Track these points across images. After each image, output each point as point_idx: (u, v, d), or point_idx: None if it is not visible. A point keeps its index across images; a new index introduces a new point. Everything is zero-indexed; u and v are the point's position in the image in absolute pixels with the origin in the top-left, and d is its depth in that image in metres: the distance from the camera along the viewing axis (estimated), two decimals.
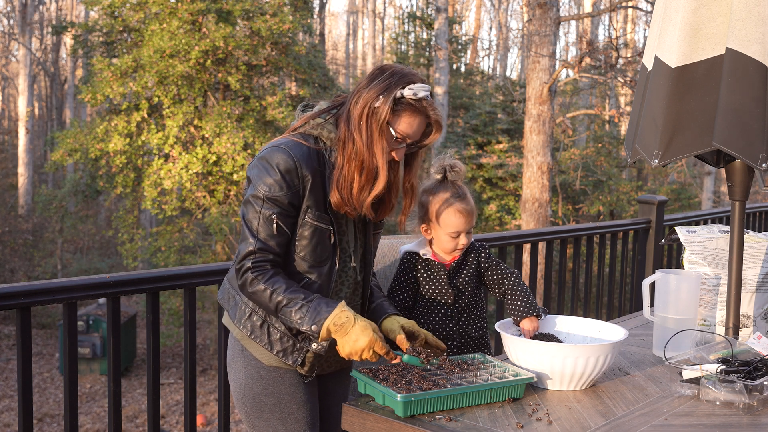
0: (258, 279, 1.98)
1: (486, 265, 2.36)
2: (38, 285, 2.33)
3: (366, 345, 1.90)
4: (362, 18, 33.72)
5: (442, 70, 16.64)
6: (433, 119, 2.04)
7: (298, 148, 2.01)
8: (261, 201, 1.99)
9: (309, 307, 1.94)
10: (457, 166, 2.32)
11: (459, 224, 2.27)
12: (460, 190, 2.31)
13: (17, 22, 25.66)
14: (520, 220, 9.63)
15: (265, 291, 1.97)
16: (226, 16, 13.18)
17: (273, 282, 1.97)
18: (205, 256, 13.77)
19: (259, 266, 1.99)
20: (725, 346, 2.07)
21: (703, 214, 5.52)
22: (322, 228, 2.03)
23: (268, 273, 1.99)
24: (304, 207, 2.02)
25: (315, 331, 1.93)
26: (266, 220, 1.99)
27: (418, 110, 2.01)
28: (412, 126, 2.01)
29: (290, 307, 1.95)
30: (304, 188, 2.00)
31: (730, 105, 2.03)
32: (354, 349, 1.91)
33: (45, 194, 17.82)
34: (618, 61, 8.56)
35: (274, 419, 2.11)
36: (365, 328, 1.91)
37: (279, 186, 1.98)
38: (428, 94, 2.02)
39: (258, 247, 1.99)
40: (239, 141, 12.60)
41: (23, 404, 2.29)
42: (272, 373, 2.11)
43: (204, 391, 12.08)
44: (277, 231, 1.99)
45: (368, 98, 1.99)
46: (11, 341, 14.58)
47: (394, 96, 1.98)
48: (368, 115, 1.99)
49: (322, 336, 1.93)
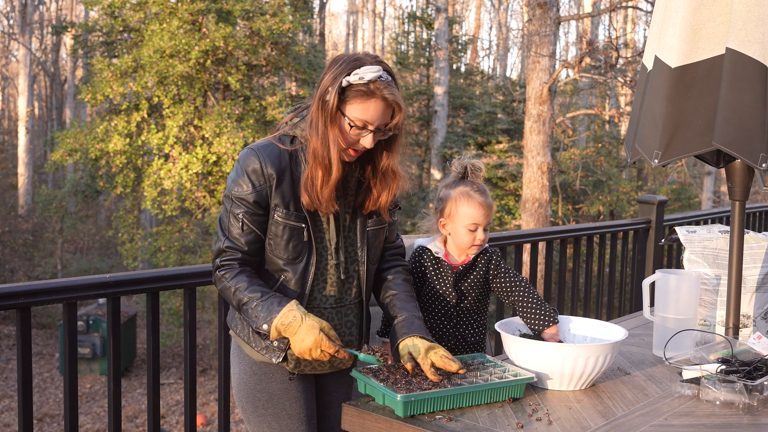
0: (225, 277, 2.02)
1: (495, 272, 2.34)
2: (38, 285, 2.33)
3: (312, 344, 1.91)
4: (362, 18, 33.72)
5: (442, 70, 16.64)
6: (390, 100, 1.98)
7: (267, 149, 2.03)
8: (230, 200, 2.04)
9: (263, 306, 1.96)
10: (477, 165, 2.33)
11: (477, 216, 2.26)
12: (480, 186, 2.32)
13: (17, 22, 25.66)
14: (520, 220, 9.63)
15: (229, 289, 2.01)
16: (226, 16, 13.18)
17: (237, 280, 2.01)
18: (205, 256, 13.77)
19: (227, 264, 2.03)
20: (725, 346, 2.07)
21: (703, 214, 5.52)
22: (292, 225, 2.04)
23: (234, 271, 2.02)
24: (272, 205, 2.03)
25: (266, 330, 1.95)
26: (235, 218, 2.03)
27: (369, 93, 1.96)
28: (366, 111, 1.97)
29: (248, 306, 1.98)
30: (270, 187, 2.02)
31: (730, 105, 2.03)
32: (301, 349, 1.92)
33: (45, 194, 17.83)
34: (618, 61, 8.55)
35: (268, 414, 2.13)
36: (312, 327, 1.91)
37: (246, 185, 2.01)
38: (379, 75, 1.96)
39: (227, 245, 2.03)
40: (239, 141, 12.59)
41: (23, 404, 2.29)
42: (264, 368, 2.13)
43: (204, 391, 12.08)
44: (243, 229, 2.02)
45: (321, 91, 2.00)
46: (11, 341, 14.58)
47: (340, 84, 1.96)
48: (320, 108, 1.99)
49: (272, 336, 1.95)
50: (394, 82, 2.01)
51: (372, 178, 2.11)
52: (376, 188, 2.11)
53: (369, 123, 1.98)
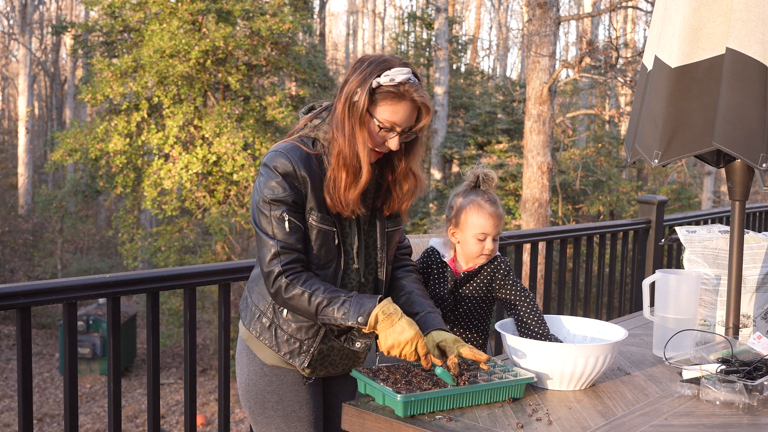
0: (293, 283, 1.95)
1: (502, 282, 2.33)
2: (38, 285, 2.33)
3: (411, 338, 1.87)
4: (362, 18, 33.72)
5: (442, 70, 16.64)
6: (419, 102, 1.98)
7: (296, 152, 1.99)
8: (268, 205, 1.98)
9: (352, 303, 1.91)
10: (489, 175, 2.34)
11: (486, 226, 2.27)
12: (491, 196, 2.33)
13: (17, 22, 25.67)
14: (520, 220, 9.63)
15: (303, 294, 1.94)
16: (226, 16, 13.18)
17: (310, 284, 1.94)
18: (205, 256, 13.77)
19: (290, 269, 1.96)
20: (725, 346, 2.07)
21: (703, 214, 5.51)
22: (325, 230, 2.01)
23: (303, 276, 1.96)
24: (308, 209, 2.00)
25: (362, 322, 1.88)
26: (278, 220, 1.97)
27: (399, 95, 1.95)
28: (396, 113, 1.96)
29: (332, 306, 1.92)
30: (306, 189, 1.99)
31: (730, 105, 2.03)
32: (398, 341, 1.87)
33: (45, 194, 17.82)
34: (618, 61, 8.55)
35: (277, 416, 2.12)
36: (411, 323, 1.89)
37: (282, 187, 1.96)
38: (409, 77, 1.96)
39: (280, 248, 1.96)
40: (239, 141, 12.59)
41: (23, 404, 2.29)
42: (275, 371, 2.12)
43: (204, 391, 12.09)
44: (290, 228, 1.97)
45: (348, 92, 1.97)
46: (11, 341, 14.58)
47: (370, 86, 1.94)
48: (348, 109, 1.96)
49: (370, 325, 1.89)
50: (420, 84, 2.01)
51: (392, 180, 2.09)
52: (395, 191, 2.09)
53: (397, 125, 1.98)
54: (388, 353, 1.91)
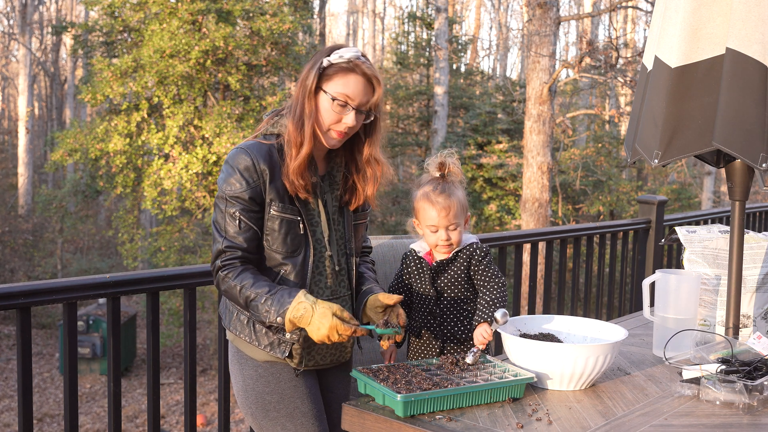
0: (228, 276, 2.03)
1: (477, 267, 2.27)
2: (38, 285, 2.33)
3: (328, 331, 1.93)
4: (362, 18, 33.72)
5: (442, 70, 16.63)
6: (369, 74, 2.05)
7: (256, 147, 2.07)
8: (224, 201, 2.06)
9: (273, 300, 1.97)
10: (446, 164, 2.29)
11: (433, 218, 2.23)
12: (444, 185, 2.26)
13: (17, 22, 25.67)
14: (520, 220, 9.63)
15: (234, 287, 2.02)
16: (226, 16, 13.18)
17: (241, 278, 2.02)
18: (205, 256, 13.77)
19: (228, 264, 2.04)
20: (725, 346, 2.07)
21: (703, 214, 5.51)
22: (289, 219, 2.07)
23: (237, 269, 2.03)
24: (267, 200, 2.06)
25: (280, 323, 1.96)
26: (231, 217, 2.04)
27: (349, 69, 2.03)
28: (347, 85, 2.03)
29: (257, 302, 1.99)
30: (264, 182, 2.05)
31: (730, 105, 2.03)
32: (319, 337, 1.95)
33: (45, 194, 17.82)
34: (618, 61, 8.56)
35: (281, 416, 2.12)
36: (324, 315, 1.94)
37: (239, 183, 2.03)
38: (358, 56, 2.04)
39: (225, 246, 2.04)
40: (239, 141, 12.56)
41: (23, 404, 2.29)
42: (270, 369, 2.12)
43: (204, 391, 12.08)
44: (241, 227, 2.04)
45: (301, 78, 2.07)
46: (11, 341, 14.58)
47: (320, 64, 2.03)
48: (300, 93, 2.05)
49: (288, 328, 1.97)
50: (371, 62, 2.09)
51: (356, 173, 2.16)
52: (360, 183, 2.16)
53: (350, 98, 2.04)
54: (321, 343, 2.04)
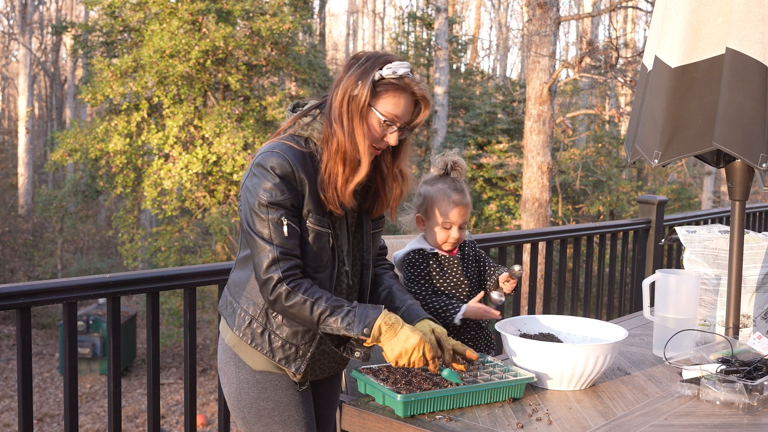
0: (295, 291, 1.89)
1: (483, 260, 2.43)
2: (38, 285, 2.33)
3: (417, 343, 1.85)
4: (362, 18, 33.72)
5: (442, 70, 16.63)
6: (419, 95, 1.97)
7: (291, 151, 1.94)
8: (265, 208, 1.91)
9: (356, 312, 1.88)
10: (459, 163, 2.36)
11: (452, 215, 2.30)
12: (459, 184, 2.35)
13: (17, 22, 25.66)
14: (520, 220, 9.63)
15: (305, 303, 1.89)
16: (226, 16, 13.18)
17: (312, 293, 1.90)
18: (205, 256, 13.77)
19: (290, 276, 1.91)
20: (725, 346, 2.07)
21: (703, 214, 5.51)
22: (322, 232, 1.97)
23: (304, 283, 1.91)
24: (305, 211, 1.95)
25: (366, 333, 1.86)
26: (276, 224, 1.91)
27: (401, 88, 1.94)
28: (398, 105, 1.94)
29: (335, 315, 1.88)
30: (303, 192, 1.94)
31: (730, 105, 2.03)
32: (404, 348, 1.85)
33: (45, 194, 17.81)
34: (618, 61, 8.55)
35: (274, 423, 2.07)
36: (414, 329, 1.88)
37: (279, 190, 1.91)
38: (408, 71, 1.95)
39: (279, 253, 1.90)
40: (239, 141, 12.59)
41: (23, 404, 2.29)
42: (268, 377, 2.06)
43: (204, 391, 12.08)
44: (289, 232, 1.92)
45: (346, 87, 1.93)
46: (11, 341, 14.58)
47: (372, 78, 1.92)
48: (348, 103, 1.93)
49: (374, 336, 1.86)
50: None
51: (380, 181, 2.07)
52: (384, 191, 2.07)
53: (398, 118, 1.96)
54: (396, 363, 1.89)
